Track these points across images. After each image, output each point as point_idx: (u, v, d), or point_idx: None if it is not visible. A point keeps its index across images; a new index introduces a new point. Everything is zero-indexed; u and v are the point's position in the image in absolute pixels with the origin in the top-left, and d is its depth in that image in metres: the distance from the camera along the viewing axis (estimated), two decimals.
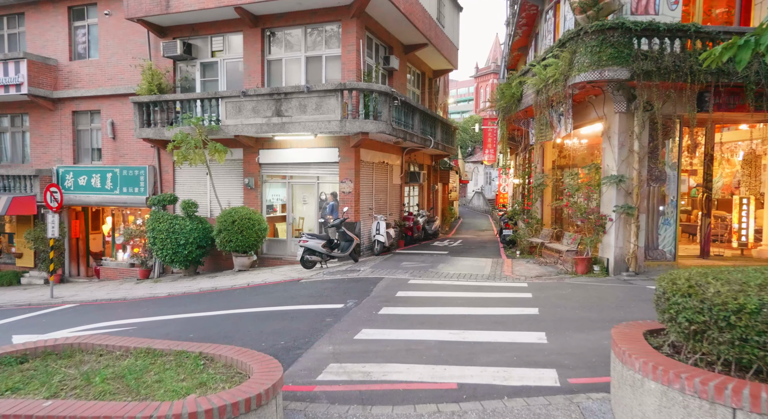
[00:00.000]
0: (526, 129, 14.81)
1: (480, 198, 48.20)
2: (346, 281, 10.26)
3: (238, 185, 15.20)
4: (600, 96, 10.57)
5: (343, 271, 11.77)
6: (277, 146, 14.66)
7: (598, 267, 10.41)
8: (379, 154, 15.84)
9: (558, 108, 10.97)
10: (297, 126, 13.29)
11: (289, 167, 14.79)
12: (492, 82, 69.89)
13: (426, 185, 21.78)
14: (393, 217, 17.31)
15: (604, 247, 10.49)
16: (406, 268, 11.86)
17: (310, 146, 14.32)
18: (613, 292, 8.40)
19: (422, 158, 20.85)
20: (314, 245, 12.44)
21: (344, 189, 14.04)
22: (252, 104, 13.72)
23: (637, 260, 10.04)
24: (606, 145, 10.46)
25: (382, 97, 13.34)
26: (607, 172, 10.34)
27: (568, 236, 11.36)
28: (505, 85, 13.66)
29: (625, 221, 10.08)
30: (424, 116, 17.17)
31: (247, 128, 13.74)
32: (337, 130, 12.95)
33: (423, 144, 17.01)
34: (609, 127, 10.30)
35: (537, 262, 12.77)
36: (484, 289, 9.07)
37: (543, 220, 14.63)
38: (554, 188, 14.83)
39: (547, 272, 11.28)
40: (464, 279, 10.30)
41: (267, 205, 15.46)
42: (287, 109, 13.45)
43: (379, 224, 14.68)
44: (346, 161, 13.99)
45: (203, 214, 15.28)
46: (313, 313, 7.47)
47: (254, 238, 13.70)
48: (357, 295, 8.65)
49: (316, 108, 13.21)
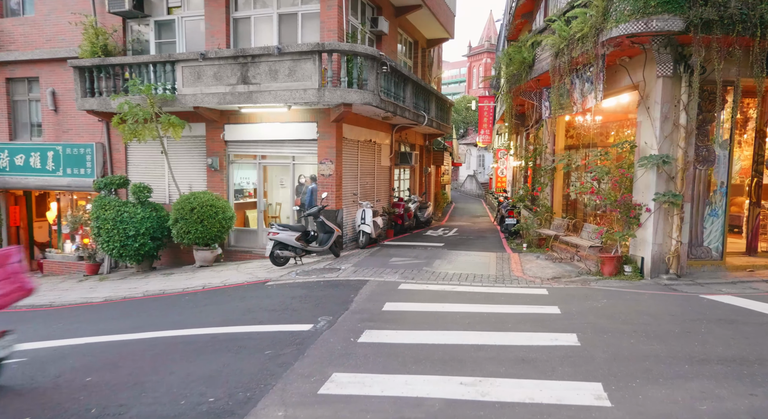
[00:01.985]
0: (534, 103, 12.78)
1: (473, 182, 46.34)
2: (322, 286, 8.27)
3: (201, 167, 13.06)
4: (636, 58, 8.56)
5: (320, 270, 9.77)
6: (245, 121, 12.52)
7: (629, 268, 8.51)
8: (365, 131, 13.75)
9: (583, 73, 8.95)
10: (267, 96, 11.15)
11: (260, 145, 12.67)
12: (485, 61, 67.62)
13: (418, 167, 19.76)
14: (381, 203, 15.30)
15: (637, 243, 8.58)
16: (395, 266, 9.90)
17: (284, 121, 12.20)
18: (663, 306, 6.50)
19: (414, 136, 18.78)
20: (286, 238, 10.42)
21: (323, 171, 11.97)
22: (213, 70, 11.52)
23: (679, 260, 8.16)
24: (643, 118, 8.48)
25: (369, 62, 11.22)
26: (644, 151, 8.39)
27: (592, 230, 9.44)
28: (513, 49, 11.57)
29: (665, 213, 8.16)
30: (417, 88, 15.06)
31: (207, 99, 11.56)
32: (315, 100, 10.83)
33: (415, 120, 14.94)
34: (648, 95, 8.31)
35: (549, 258, 10.88)
36: (494, 299, 7.14)
37: (553, 208, 12.70)
38: (566, 172, 12.88)
39: (565, 272, 9.37)
40: (467, 283, 8.37)
41: (235, 189, 13.36)
42: (255, 75, 11.28)
43: (364, 213, 12.67)
44: (325, 139, 11.90)
45: (160, 200, 13.15)
46: (269, 340, 5.48)
47: (218, 228, 11.64)
48: (332, 308, 6.67)
49: (290, 74, 11.06)
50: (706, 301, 6.68)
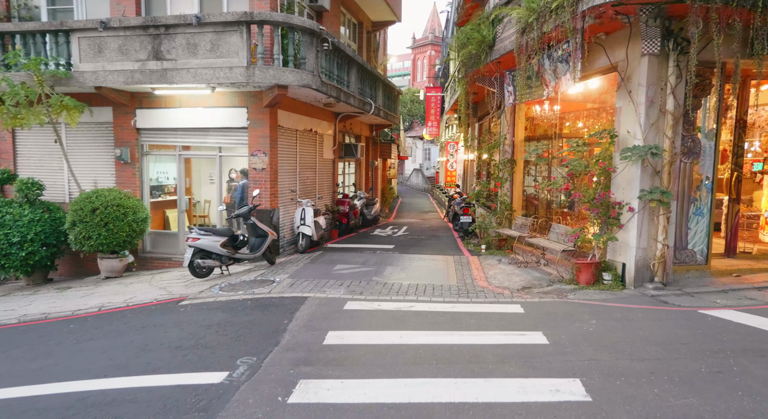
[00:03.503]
0: (493, 90, 11.61)
1: (419, 176, 45.46)
2: (249, 306, 6.66)
3: (109, 159, 11.00)
4: (615, 34, 7.46)
5: (249, 283, 8.13)
6: (161, 105, 10.59)
7: (608, 276, 7.43)
8: (305, 119, 12.12)
9: (555, 51, 7.76)
10: (185, 75, 9.32)
11: (181, 134, 10.78)
12: (430, 53, 66.94)
13: (364, 161, 18.27)
14: (324, 201, 13.72)
15: (617, 247, 7.51)
16: (340, 276, 8.41)
17: (209, 105, 10.39)
18: (667, 329, 5.37)
19: (360, 127, 17.28)
20: (209, 245, 8.69)
21: (255, 165, 10.27)
22: (118, 42, 9.54)
23: (665, 267, 7.15)
24: (624, 103, 7.39)
25: (307, 37, 9.61)
26: (626, 142, 7.30)
27: (564, 232, 8.31)
28: (471, 26, 10.28)
29: (650, 212, 7.11)
30: (362, 72, 13.56)
31: (112, 77, 9.57)
32: (243, 81, 9.12)
33: (361, 109, 13.44)
34: (630, 77, 7.22)
35: (513, 262, 9.72)
36: (463, 321, 5.80)
37: (513, 205, 11.60)
38: (526, 166, 11.83)
39: (535, 279, 8.21)
40: (426, 297, 7.01)
41: (152, 186, 11.40)
42: (170, 49, 9.41)
43: (304, 212, 11.08)
44: (257, 126, 10.20)
45: (59, 199, 11.01)
46: (160, 403, 3.87)
47: (127, 232, 9.70)
48: (258, 343, 5.11)
49: (212, 49, 9.28)
50: (710, 319, 5.62)
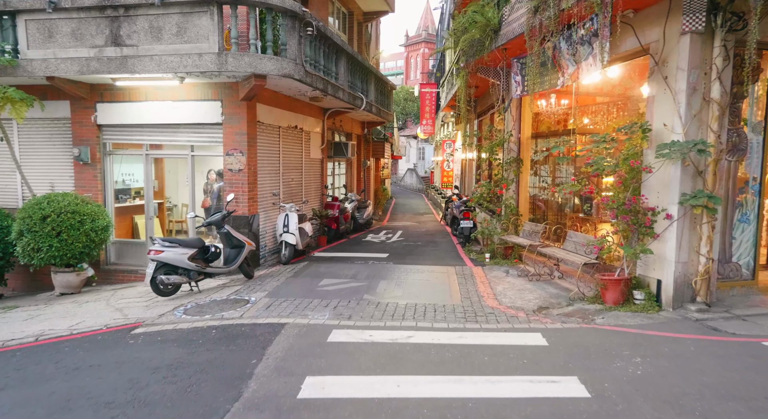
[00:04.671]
0: (496, 81, 10.49)
1: (413, 176, 44.38)
2: (213, 338, 5.48)
3: (67, 160, 9.79)
4: (646, 11, 6.34)
5: (220, 303, 6.95)
6: (125, 98, 9.39)
7: (641, 294, 6.31)
8: (289, 115, 10.95)
9: (576, 31, 6.64)
10: (148, 63, 8.14)
11: (147, 131, 9.57)
12: (423, 51, 65.94)
13: (356, 160, 17.11)
14: (311, 205, 12.55)
15: (651, 261, 6.40)
16: (326, 294, 7.25)
17: (178, 98, 9.20)
18: (736, 372, 4.26)
19: (350, 124, 16.11)
20: (175, 258, 7.50)
21: (231, 165, 9.09)
22: (71, 25, 8.33)
23: (709, 284, 6.05)
24: (658, 91, 6.28)
25: (288, 20, 8.45)
26: (661, 136, 6.19)
27: (586, 243, 7.17)
28: (474, 9, 9.12)
29: (692, 220, 6.01)
30: (353, 64, 12.39)
31: (65, 65, 8.36)
32: (214, 69, 7.94)
33: (351, 103, 12.29)
34: (667, 60, 6.11)
35: (522, 274, 8.61)
36: (474, 360, 4.66)
37: (519, 209, 10.49)
38: (533, 166, 10.73)
39: (551, 297, 7.09)
40: (428, 323, 5.86)
41: (117, 189, 10.19)
42: (131, 34, 8.21)
43: (288, 218, 9.90)
44: (233, 122, 9.03)
45: (11, 205, 9.81)
46: None
47: (84, 243, 8.48)
48: (213, 397, 3.95)
49: (179, 33, 8.09)
50: None
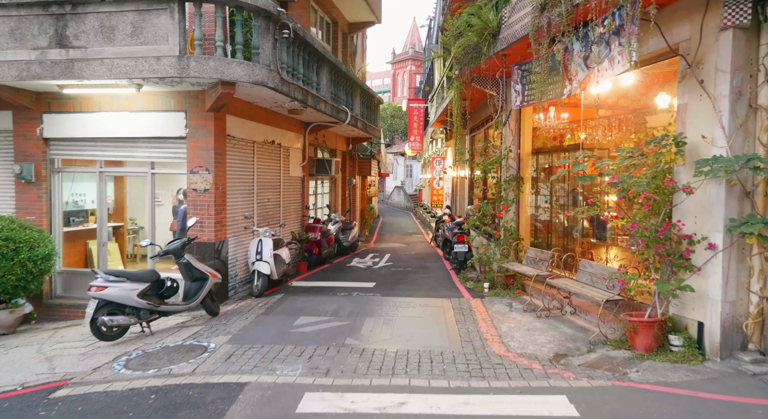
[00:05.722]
0: (493, 92, 9.56)
1: (401, 194, 43.43)
2: (150, 408, 4.29)
3: (7, 177, 8.59)
4: (677, 4, 5.41)
5: (171, 351, 5.76)
6: (76, 108, 8.27)
7: (678, 340, 5.26)
8: (266, 128, 9.88)
9: (592, 29, 5.69)
10: (98, 67, 7.03)
11: (101, 146, 8.43)
12: (410, 69, 65.66)
13: (340, 178, 16.04)
14: (290, 227, 11.41)
15: (691, 300, 5.36)
16: (301, 337, 6.11)
17: (136, 109, 8.10)
18: None
19: (334, 140, 15.08)
20: (121, 295, 6.31)
21: (195, 185, 7.96)
22: (10, 23, 7.22)
23: (762, 328, 5.03)
24: (692, 98, 5.32)
25: (261, 21, 7.44)
26: (698, 151, 5.21)
27: (609, 276, 6.12)
28: (470, 11, 8.17)
29: (739, 251, 5.01)
30: (336, 74, 11.40)
31: (1, 70, 7.22)
32: (174, 74, 6.86)
33: (335, 117, 11.26)
34: (702, 61, 5.16)
35: (529, 308, 7.54)
36: None
37: (520, 232, 9.47)
38: (534, 184, 9.76)
39: (567, 339, 6.02)
40: (424, 380, 4.74)
41: (67, 211, 8.99)
42: (78, 34, 7.13)
43: (261, 244, 8.76)
44: (199, 136, 7.93)
45: None
46: None
47: (20, 275, 7.24)
48: None
49: (134, 33, 7.02)
50: None
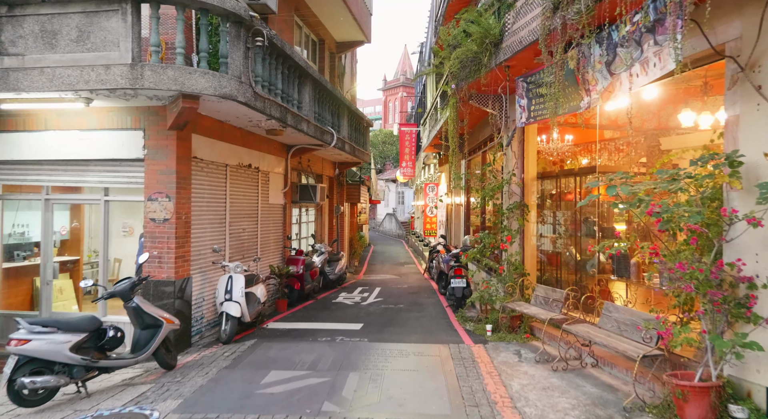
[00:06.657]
0: (494, 111, 8.64)
1: (392, 221, 42.42)
2: None
3: None
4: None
5: None
6: (17, 127, 7.22)
7: (743, 412, 4.15)
8: (240, 150, 8.85)
9: (616, 29, 4.77)
10: (37, 77, 6.02)
11: (47, 170, 7.35)
12: (401, 95, 65.61)
13: (327, 206, 14.97)
14: (269, 261, 10.26)
15: (755, 360, 4.27)
16: (269, 402, 4.94)
17: (87, 127, 7.06)
18: None
19: (320, 165, 14.08)
20: (50, 350, 5.15)
21: (154, 214, 6.86)
22: None
23: None
24: (746, 109, 4.35)
25: (231, 27, 6.49)
26: (756, 173, 4.23)
27: (645, 326, 5.02)
28: (470, 18, 7.28)
29: None
30: (320, 93, 10.46)
31: None
32: (126, 84, 5.85)
33: (320, 139, 10.28)
34: (758, 63, 4.22)
35: (542, 359, 6.42)
36: None
37: (525, 266, 8.41)
38: (539, 211, 8.77)
39: (598, 405, 4.88)
40: None
41: (7, 244, 7.84)
42: (15, 39, 6.13)
43: (231, 282, 7.61)
44: (158, 157, 6.87)
45: None
46: None
47: None
48: None
49: (80, 39, 6.03)
50: None
